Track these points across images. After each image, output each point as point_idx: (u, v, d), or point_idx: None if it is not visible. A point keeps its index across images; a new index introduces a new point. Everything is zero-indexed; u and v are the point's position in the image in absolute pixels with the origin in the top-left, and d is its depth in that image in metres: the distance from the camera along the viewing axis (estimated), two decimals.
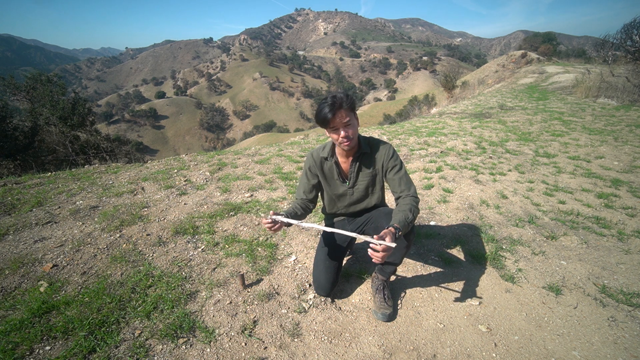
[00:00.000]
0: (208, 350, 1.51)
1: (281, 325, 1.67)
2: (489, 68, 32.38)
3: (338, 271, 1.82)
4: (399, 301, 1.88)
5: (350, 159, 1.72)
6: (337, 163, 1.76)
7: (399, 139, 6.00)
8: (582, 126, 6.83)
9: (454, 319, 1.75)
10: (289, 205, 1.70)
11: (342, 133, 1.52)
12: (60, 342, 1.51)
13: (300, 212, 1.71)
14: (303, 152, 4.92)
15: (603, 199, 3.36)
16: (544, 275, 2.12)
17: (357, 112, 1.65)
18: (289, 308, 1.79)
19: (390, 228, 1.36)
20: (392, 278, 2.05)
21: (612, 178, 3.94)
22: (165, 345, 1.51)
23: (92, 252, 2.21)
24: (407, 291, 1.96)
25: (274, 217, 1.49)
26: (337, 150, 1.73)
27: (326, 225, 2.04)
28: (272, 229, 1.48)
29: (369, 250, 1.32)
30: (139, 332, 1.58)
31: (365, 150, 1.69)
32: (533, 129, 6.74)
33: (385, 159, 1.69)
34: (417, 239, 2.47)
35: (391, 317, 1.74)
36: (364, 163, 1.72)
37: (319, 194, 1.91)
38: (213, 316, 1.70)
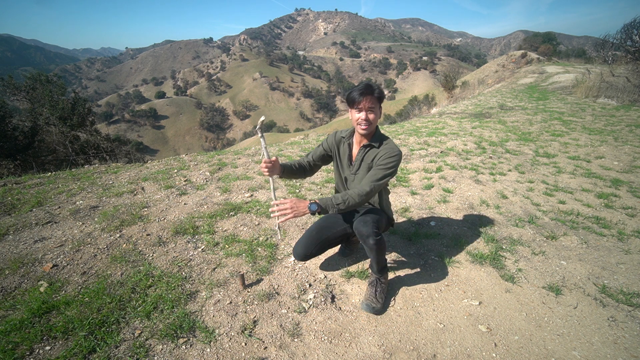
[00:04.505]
0: (208, 350, 1.51)
1: (281, 325, 1.67)
2: (489, 68, 32.36)
3: (321, 246, 1.89)
4: (399, 300, 1.88)
5: (361, 146, 1.83)
6: (350, 146, 1.87)
7: (399, 139, 6.00)
8: (582, 126, 6.83)
9: (454, 319, 1.75)
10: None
11: (364, 115, 1.67)
12: (60, 342, 1.51)
13: (297, 166, 1.89)
14: (303, 152, 4.92)
15: (603, 199, 3.36)
16: (544, 275, 2.12)
17: None
18: (289, 308, 1.79)
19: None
20: (391, 276, 2.05)
21: (612, 178, 3.94)
22: (165, 345, 1.51)
23: (92, 252, 2.21)
24: (407, 291, 1.96)
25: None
26: (355, 136, 1.86)
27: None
28: (267, 169, 1.67)
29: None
30: (139, 332, 1.58)
31: (374, 143, 1.78)
32: (533, 129, 6.74)
33: (383, 155, 1.73)
34: (417, 238, 2.48)
35: (377, 311, 1.77)
36: (368, 153, 1.81)
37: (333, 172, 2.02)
38: (213, 316, 1.70)
